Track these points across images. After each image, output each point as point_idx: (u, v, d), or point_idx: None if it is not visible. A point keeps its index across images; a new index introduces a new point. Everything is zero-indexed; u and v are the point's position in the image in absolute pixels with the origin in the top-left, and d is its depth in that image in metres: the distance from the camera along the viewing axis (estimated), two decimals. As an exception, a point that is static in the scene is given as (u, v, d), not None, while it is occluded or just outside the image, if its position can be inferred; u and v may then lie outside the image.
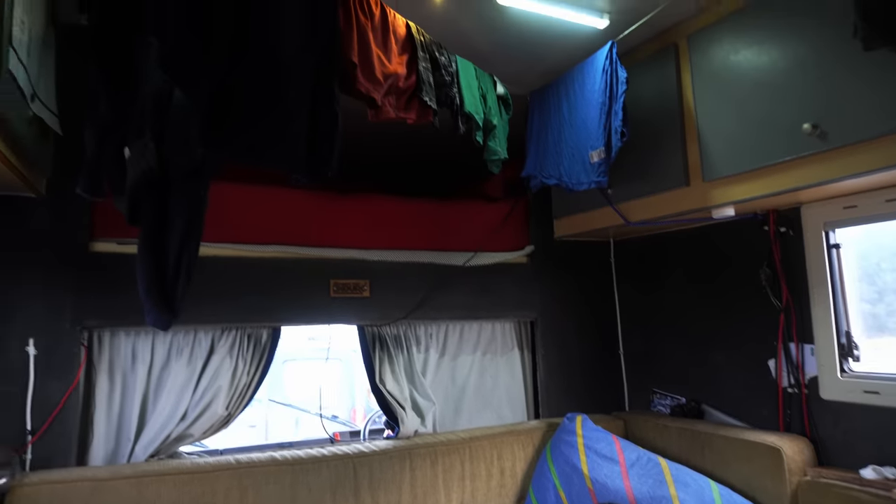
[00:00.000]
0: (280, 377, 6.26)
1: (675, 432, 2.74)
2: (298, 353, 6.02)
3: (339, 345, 5.61)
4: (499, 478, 2.68)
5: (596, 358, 3.26)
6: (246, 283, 2.55)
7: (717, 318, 2.83)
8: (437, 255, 2.92)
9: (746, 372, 2.69)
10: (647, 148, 2.59)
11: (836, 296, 2.38)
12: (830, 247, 2.41)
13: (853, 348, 2.34)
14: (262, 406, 6.16)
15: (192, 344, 2.52)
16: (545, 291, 3.17)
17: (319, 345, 5.98)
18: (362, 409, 5.80)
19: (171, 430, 2.41)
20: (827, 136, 1.98)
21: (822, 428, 2.39)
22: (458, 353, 3.05)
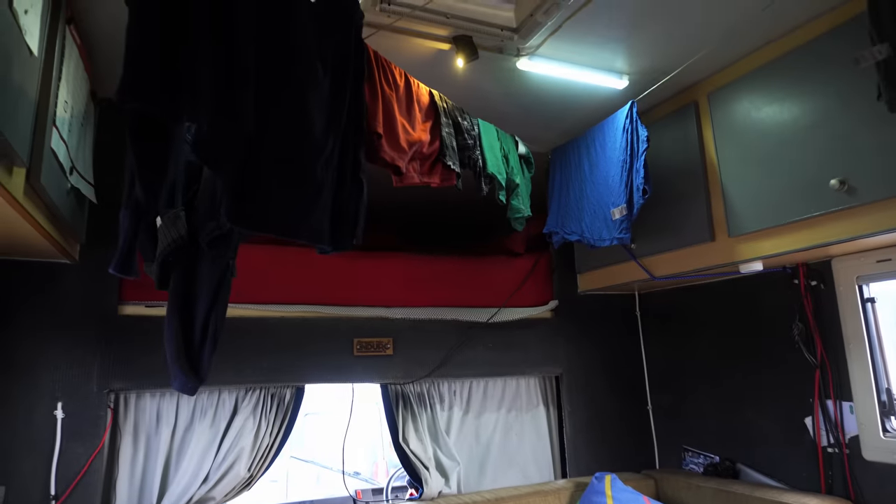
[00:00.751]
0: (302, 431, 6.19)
1: (710, 493, 2.64)
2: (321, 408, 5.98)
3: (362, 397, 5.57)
4: (527, 542, 2.60)
5: (624, 414, 3.18)
6: (270, 343, 2.56)
7: (749, 373, 2.76)
8: (461, 312, 2.91)
9: (782, 431, 2.60)
10: (671, 203, 2.59)
11: (874, 351, 2.31)
12: (865, 301, 2.35)
13: (895, 406, 2.26)
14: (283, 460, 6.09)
15: (215, 405, 2.52)
16: (570, 346, 3.13)
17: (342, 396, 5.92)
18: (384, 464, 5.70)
19: (193, 493, 2.39)
20: (856, 192, 1.96)
21: (866, 490, 2.28)
22: (483, 410, 3.00)
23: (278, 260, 2.66)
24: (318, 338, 2.63)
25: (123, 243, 1.54)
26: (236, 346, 2.49)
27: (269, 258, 2.64)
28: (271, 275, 2.64)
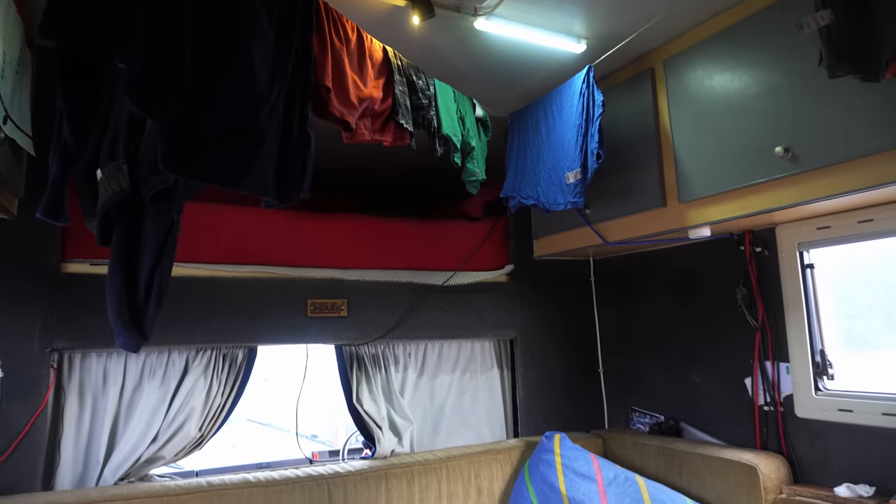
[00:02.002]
0: (261, 397, 6.18)
1: (654, 450, 2.74)
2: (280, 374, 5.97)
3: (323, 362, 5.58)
4: (476, 497, 2.66)
5: (576, 376, 3.26)
6: (221, 303, 2.53)
7: (695, 336, 2.85)
8: (416, 275, 2.91)
9: (724, 390, 2.70)
10: (624, 169, 2.62)
11: (811, 315, 2.41)
12: (805, 267, 2.44)
13: (827, 367, 2.36)
14: (242, 426, 6.08)
15: (165, 365, 2.49)
16: (525, 310, 3.17)
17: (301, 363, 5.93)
18: (344, 429, 5.74)
19: (142, 453, 2.37)
20: (799, 160, 2.01)
21: (797, 446, 2.40)
22: (437, 372, 3.03)
23: (230, 219, 2.61)
24: (271, 298, 2.61)
25: (51, 187, 1.49)
26: (186, 306, 2.45)
27: (221, 217, 2.59)
28: (223, 234, 2.59)
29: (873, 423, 2.15)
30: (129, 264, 1.84)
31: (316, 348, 3.19)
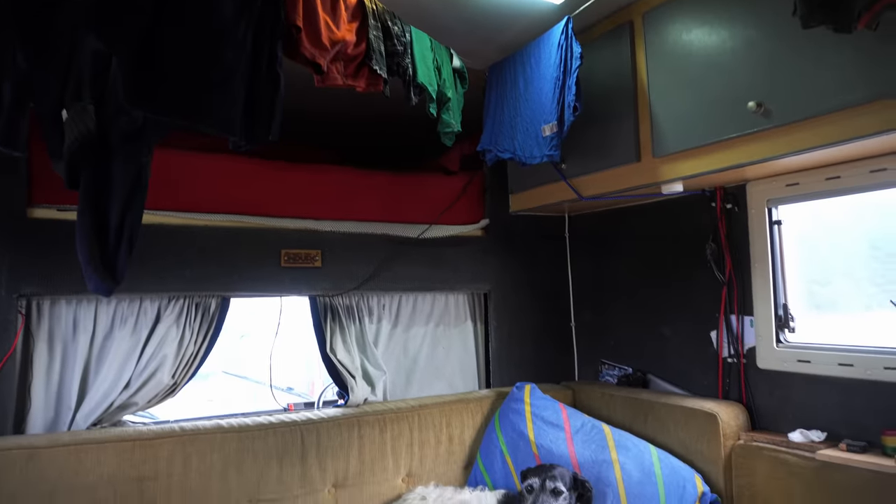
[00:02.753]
0: (238, 351, 6.20)
1: (621, 401, 2.82)
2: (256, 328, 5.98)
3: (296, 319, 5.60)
4: (447, 445, 2.73)
5: (548, 330, 3.32)
6: (194, 252, 2.51)
7: (665, 291, 2.91)
8: (392, 227, 2.91)
9: (690, 343, 2.78)
10: (600, 124, 2.61)
11: (776, 270, 2.47)
12: (773, 223, 2.48)
13: (789, 320, 2.44)
14: (218, 379, 6.10)
15: (136, 313, 2.48)
16: (499, 264, 3.20)
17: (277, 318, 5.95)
18: (320, 383, 5.80)
19: (114, 399, 2.38)
20: (771, 115, 2.02)
21: (757, 395, 2.49)
22: (411, 324, 3.06)
23: (203, 167, 2.57)
24: (244, 248, 2.60)
25: (6, 112, 1.44)
26: (157, 254, 2.43)
27: (194, 165, 2.55)
28: (195, 182, 2.55)
29: (829, 374, 2.24)
30: (99, 209, 1.81)
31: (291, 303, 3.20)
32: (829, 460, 2.06)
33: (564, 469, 2.21)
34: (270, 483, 2.38)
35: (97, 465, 2.11)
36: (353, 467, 2.53)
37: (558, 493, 2.10)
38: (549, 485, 2.10)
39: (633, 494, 2.35)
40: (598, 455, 2.49)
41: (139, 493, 2.17)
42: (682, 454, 2.50)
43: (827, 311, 2.43)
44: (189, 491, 2.25)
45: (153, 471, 2.19)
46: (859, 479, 1.96)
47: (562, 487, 2.11)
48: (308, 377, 6.23)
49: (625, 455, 2.46)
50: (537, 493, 2.10)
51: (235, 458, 2.32)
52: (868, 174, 2.12)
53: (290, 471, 2.42)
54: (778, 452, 2.21)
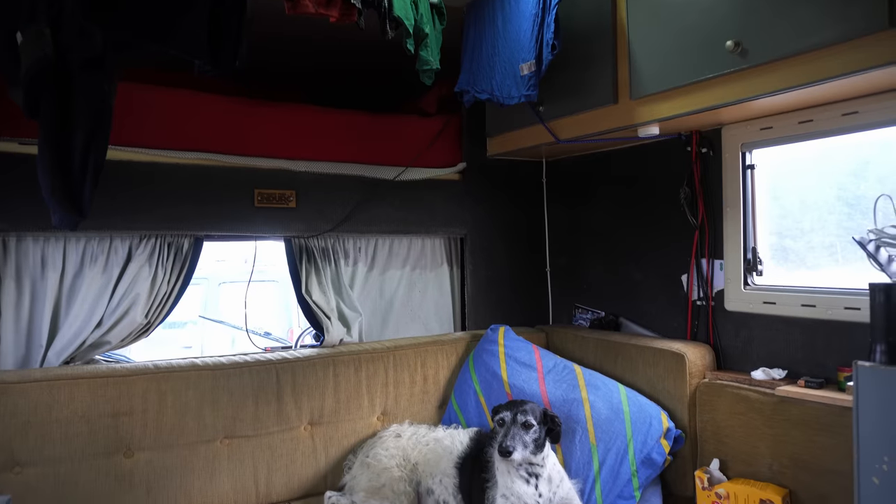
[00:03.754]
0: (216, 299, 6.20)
1: (593, 343, 2.88)
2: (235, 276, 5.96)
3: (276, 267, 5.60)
4: (422, 385, 2.78)
5: (523, 275, 3.35)
6: (164, 190, 2.47)
7: (639, 236, 2.94)
8: (367, 169, 2.88)
9: (662, 287, 2.83)
10: (579, 65, 2.58)
11: (747, 214, 2.50)
12: (746, 167, 2.50)
13: (758, 263, 2.48)
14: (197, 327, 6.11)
15: (107, 251, 2.44)
16: (476, 209, 3.19)
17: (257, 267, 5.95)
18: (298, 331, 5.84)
19: (86, 337, 2.37)
20: (748, 54, 2.01)
21: (724, 336, 2.56)
22: (387, 267, 3.07)
23: (174, 103, 2.50)
24: (216, 187, 2.55)
25: None
26: (126, 191, 2.39)
27: (164, 101, 2.48)
28: (166, 118, 2.49)
29: (793, 314, 2.30)
30: (61, 139, 1.77)
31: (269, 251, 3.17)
32: (788, 395, 2.13)
33: (535, 404, 2.26)
34: (246, 420, 2.42)
35: (71, 400, 2.12)
36: (329, 406, 2.57)
37: (529, 427, 2.15)
38: (520, 418, 2.15)
39: (602, 431, 2.43)
40: (569, 394, 2.55)
41: (115, 429, 2.19)
42: (649, 393, 2.57)
43: (794, 255, 2.48)
44: (165, 427, 2.28)
45: (128, 407, 2.21)
46: (814, 412, 2.05)
47: (532, 421, 2.16)
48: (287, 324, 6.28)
49: (594, 394, 2.52)
50: (508, 426, 2.15)
51: (211, 396, 2.35)
52: (840, 117, 2.13)
53: (265, 408, 2.45)
54: (740, 389, 2.29)
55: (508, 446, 2.09)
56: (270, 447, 2.45)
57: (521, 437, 2.13)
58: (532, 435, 2.16)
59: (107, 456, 2.18)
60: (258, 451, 2.43)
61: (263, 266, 6.06)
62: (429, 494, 2.37)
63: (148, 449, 2.25)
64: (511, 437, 2.11)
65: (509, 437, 2.11)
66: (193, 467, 2.31)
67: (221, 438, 2.38)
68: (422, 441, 2.49)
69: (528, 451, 2.14)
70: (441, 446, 2.43)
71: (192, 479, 2.31)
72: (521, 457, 2.12)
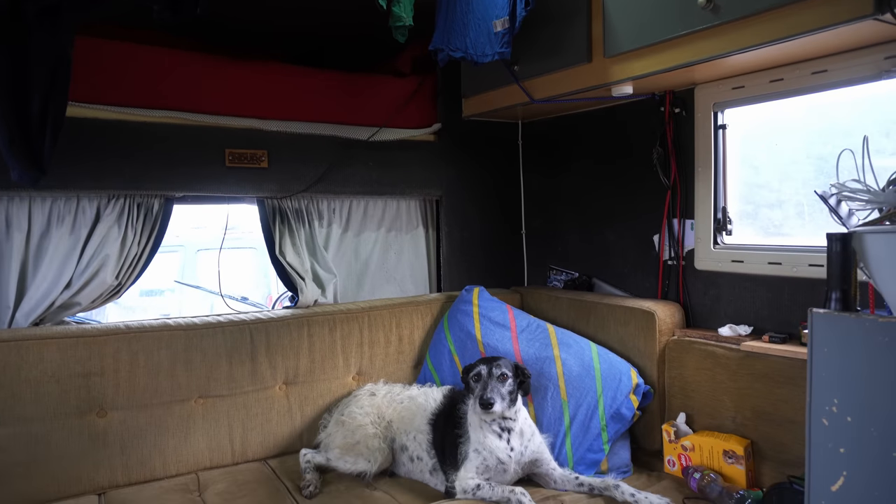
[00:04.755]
0: (193, 267, 6.16)
1: (566, 303, 2.92)
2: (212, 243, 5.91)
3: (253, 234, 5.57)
4: (397, 345, 2.80)
5: (499, 237, 3.36)
6: (132, 149, 2.42)
7: (612, 197, 2.96)
8: (341, 129, 2.84)
9: (634, 248, 2.86)
10: (552, 22, 2.55)
11: (718, 174, 2.52)
12: (718, 127, 2.52)
13: (727, 223, 2.52)
14: (175, 295, 6.08)
15: (74, 212, 2.40)
16: (451, 170, 3.18)
17: (235, 234, 5.91)
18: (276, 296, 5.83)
19: (55, 298, 2.34)
20: (720, 10, 2.00)
21: (693, 295, 2.61)
22: (362, 229, 3.05)
23: (140, 59, 2.43)
24: (186, 146, 2.51)
25: None
26: (93, 150, 2.34)
27: (131, 57, 2.41)
28: (133, 75, 2.42)
29: (760, 272, 2.35)
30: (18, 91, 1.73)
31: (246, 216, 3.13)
32: (752, 350, 2.19)
33: (507, 359, 2.30)
34: (221, 380, 2.42)
35: (40, 360, 2.10)
36: (304, 365, 2.58)
37: (504, 378, 2.19)
38: (495, 371, 2.19)
39: (573, 387, 2.48)
40: (542, 352, 2.59)
41: (86, 389, 2.18)
42: (620, 351, 2.62)
43: (762, 215, 2.51)
44: (137, 387, 2.28)
45: (99, 367, 2.20)
46: (776, 366, 2.11)
47: (508, 373, 2.21)
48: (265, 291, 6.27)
49: (566, 352, 2.57)
50: (485, 380, 2.18)
51: (184, 356, 2.34)
52: (810, 76, 2.15)
53: (240, 368, 2.46)
54: (707, 346, 2.35)
55: (489, 398, 2.12)
56: (245, 406, 2.47)
57: (499, 390, 2.17)
58: (508, 387, 2.20)
59: (79, 415, 2.18)
60: (233, 410, 2.44)
61: (241, 233, 6.03)
62: (403, 451, 2.41)
63: (121, 408, 2.25)
64: (490, 390, 2.15)
65: (488, 389, 2.15)
66: (168, 426, 2.32)
67: (196, 398, 2.38)
68: (396, 399, 2.52)
69: (506, 404, 2.18)
70: (415, 404, 2.46)
71: (167, 438, 2.32)
72: (500, 408, 2.16)
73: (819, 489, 1.24)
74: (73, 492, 2.15)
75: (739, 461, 2.16)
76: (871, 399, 1.16)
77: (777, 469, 2.10)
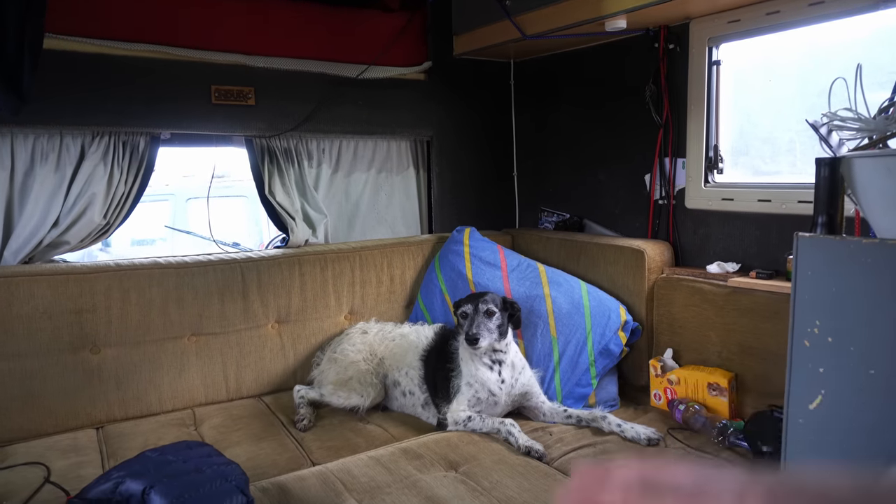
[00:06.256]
0: (184, 215, 6.12)
1: (556, 243, 2.93)
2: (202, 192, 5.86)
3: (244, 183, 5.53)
4: (388, 284, 2.82)
5: (490, 178, 3.34)
6: (114, 83, 2.36)
7: (605, 137, 2.93)
8: (329, 66, 2.78)
9: (625, 187, 2.85)
10: (547, -48, 2.48)
11: (711, 111, 2.50)
12: (712, 63, 2.48)
13: (719, 161, 2.51)
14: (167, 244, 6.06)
15: (58, 149, 2.35)
16: (442, 111, 3.13)
17: (225, 182, 5.87)
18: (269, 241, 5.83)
19: (43, 237, 2.32)
20: (717, -62, 1.95)
21: (683, 234, 2.62)
22: (353, 169, 3.03)
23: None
24: (171, 82, 2.45)
25: None
26: (74, 84, 2.29)
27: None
28: (114, 6, 2.34)
29: (749, 210, 2.36)
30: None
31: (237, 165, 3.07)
32: (739, 286, 2.22)
33: (494, 293, 2.31)
34: (213, 318, 2.44)
35: (31, 297, 2.11)
36: (296, 304, 2.60)
37: (491, 314, 2.21)
38: (481, 307, 2.21)
39: (562, 324, 2.51)
40: (532, 290, 2.61)
41: (79, 325, 2.20)
42: (610, 289, 2.65)
43: (754, 152, 2.50)
44: (130, 324, 2.29)
45: (91, 304, 2.21)
46: (762, 301, 2.14)
47: (494, 308, 2.22)
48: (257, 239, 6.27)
49: (556, 290, 2.59)
50: (472, 316, 2.20)
51: (175, 294, 2.35)
52: (807, 7, 2.11)
53: (232, 306, 2.47)
54: (695, 283, 2.37)
55: (475, 334, 2.15)
56: (238, 344, 2.49)
57: (486, 325, 2.19)
58: (495, 321, 2.22)
59: (73, 352, 2.20)
60: (226, 347, 2.47)
61: (231, 182, 5.98)
62: (395, 386, 2.45)
63: (114, 345, 2.26)
64: (476, 326, 2.17)
65: (474, 325, 2.17)
66: (162, 363, 2.35)
67: (188, 335, 2.41)
68: (388, 336, 2.55)
69: (494, 338, 2.22)
70: (407, 341, 2.50)
71: (162, 374, 2.35)
72: (487, 343, 2.19)
73: (797, 408, 1.27)
74: (71, 426, 2.19)
75: (723, 393, 2.22)
76: (852, 319, 1.18)
77: (759, 400, 2.15)
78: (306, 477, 1.84)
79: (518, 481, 1.83)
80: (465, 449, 2.04)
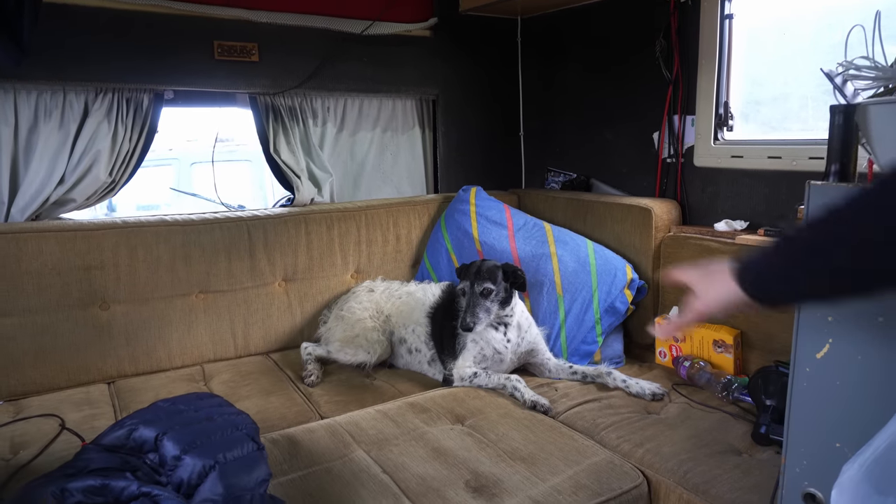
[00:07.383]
0: (188, 179, 6.12)
1: (563, 202, 2.91)
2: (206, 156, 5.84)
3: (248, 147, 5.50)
4: (394, 244, 2.82)
5: (497, 138, 3.31)
6: (117, 39, 2.33)
7: (613, 95, 2.89)
8: (333, 21, 2.72)
9: (634, 146, 2.82)
10: None
11: (722, 66, 2.45)
12: (724, 17, 2.42)
13: (729, 118, 2.47)
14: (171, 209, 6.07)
15: (61, 106, 2.33)
16: (448, 68, 3.08)
17: (229, 147, 5.85)
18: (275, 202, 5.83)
19: (49, 194, 2.32)
20: None
21: (691, 192, 2.60)
22: (358, 128, 3.00)
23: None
24: (172, 37, 2.41)
25: None
26: (76, 39, 2.26)
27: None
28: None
29: (758, 167, 2.33)
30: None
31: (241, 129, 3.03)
32: (747, 243, 2.21)
33: (492, 264, 2.24)
34: (220, 275, 2.45)
35: (39, 253, 2.12)
36: (302, 262, 2.61)
37: (488, 293, 2.18)
38: (477, 288, 2.17)
39: (568, 282, 2.51)
40: (538, 249, 2.61)
41: (87, 282, 2.21)
42: (616, 248, 2.64)
43: (765, 108, 2.46)
44: (139, 281, 2.30)
45: (99, 260, 2.22)
46: (771, 256, 2.12)
47: (490, 286, 2.17)
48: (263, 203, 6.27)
49: (563, 249, 2.58)
50: (469, 297, 2.19)
51: (182, 251, 2.36)
52: (825, -45, 2.04)
53: (238, 264, 2.48)
54: (702, 241, 2.36)
55: (469, 323, 2.14)
56: (246, 302, 2.51)
57: (483, 306, 2.17)
58: (494, 298, 2.19)
59: (83, 308, 2.21)
60: (234, 305, 2.49)
61: (235, 146, 5.94)
62: (401, 343, 2.47)
63: (123, 302, 2.28)
64: (471, 312, 2.15)
65: (469, 311, 2.15)
66: (171, 319, 2.37)
67: (196, 293, 2.42)
68: (395, 294, 2.56)
69: (492, 317, 2.21)
70: (413, 298, 2.51)
71: (171, 330, 2.37)
72: (483, 327, 2.19)
73: (804, 356, 1.28)
74: (83, 380, 2.22)
75: (728, 350, 2.23)
76: (862, 267, 1.17)
77: (764, 357, 2.16)
78: (315, 429, 1.87)
79: (524, 433, 1.86)
80: (471, 403, 2.06)
